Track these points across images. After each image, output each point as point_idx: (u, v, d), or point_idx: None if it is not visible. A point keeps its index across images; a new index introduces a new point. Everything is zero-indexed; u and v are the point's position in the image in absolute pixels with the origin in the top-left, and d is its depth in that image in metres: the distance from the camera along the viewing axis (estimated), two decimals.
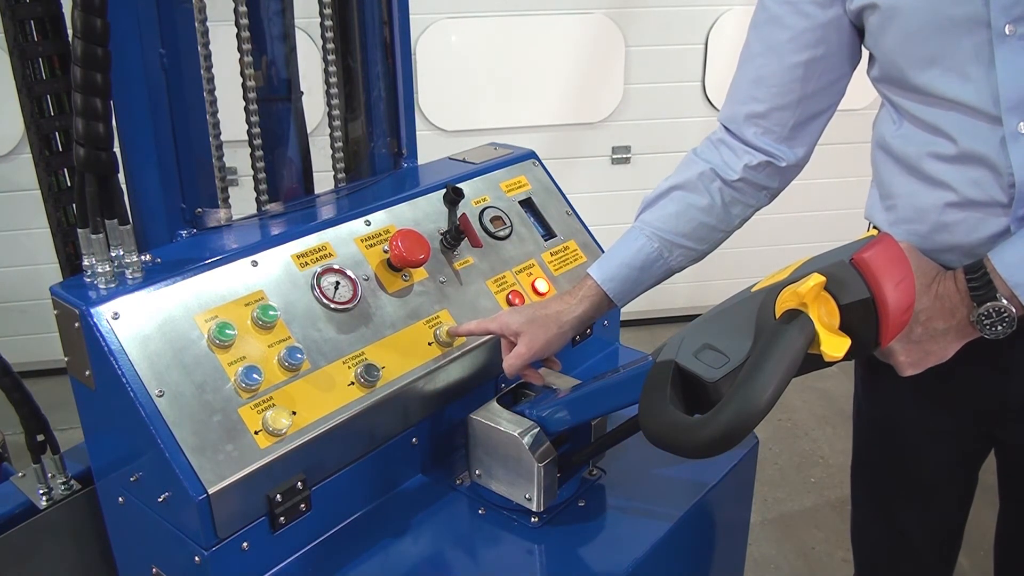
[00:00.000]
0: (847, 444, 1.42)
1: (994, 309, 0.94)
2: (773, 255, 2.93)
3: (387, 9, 1.42)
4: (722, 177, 1.25)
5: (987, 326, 0.95)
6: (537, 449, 1.09)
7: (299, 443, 1.03)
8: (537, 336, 1.20)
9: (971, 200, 1.05)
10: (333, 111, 1.37)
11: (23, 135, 2.84)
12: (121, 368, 0.95)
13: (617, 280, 1.25)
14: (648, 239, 1.26)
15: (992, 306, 0.94)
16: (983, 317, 0.95)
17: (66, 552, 1.24)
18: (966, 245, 1.06)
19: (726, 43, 3.42)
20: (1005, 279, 0.93)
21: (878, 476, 1.39)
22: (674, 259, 1.28)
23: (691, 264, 1.33)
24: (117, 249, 1.04)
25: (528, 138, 2.26)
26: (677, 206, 1.26)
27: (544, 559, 1.10)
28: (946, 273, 0.97)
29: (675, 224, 1.26)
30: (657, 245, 1.26)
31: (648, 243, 1.25)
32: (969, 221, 1.05)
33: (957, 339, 0.98)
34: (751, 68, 1.21)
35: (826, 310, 0.83)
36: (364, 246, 1.22)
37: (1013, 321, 0.94)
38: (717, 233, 1.30)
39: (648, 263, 1.26)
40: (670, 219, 1.26)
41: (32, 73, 1.21)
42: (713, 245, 1.32)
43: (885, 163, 1.17)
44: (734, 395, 0.79)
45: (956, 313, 0.96)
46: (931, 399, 1.19)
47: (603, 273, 1.25)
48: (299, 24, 1.38)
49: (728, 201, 1.27)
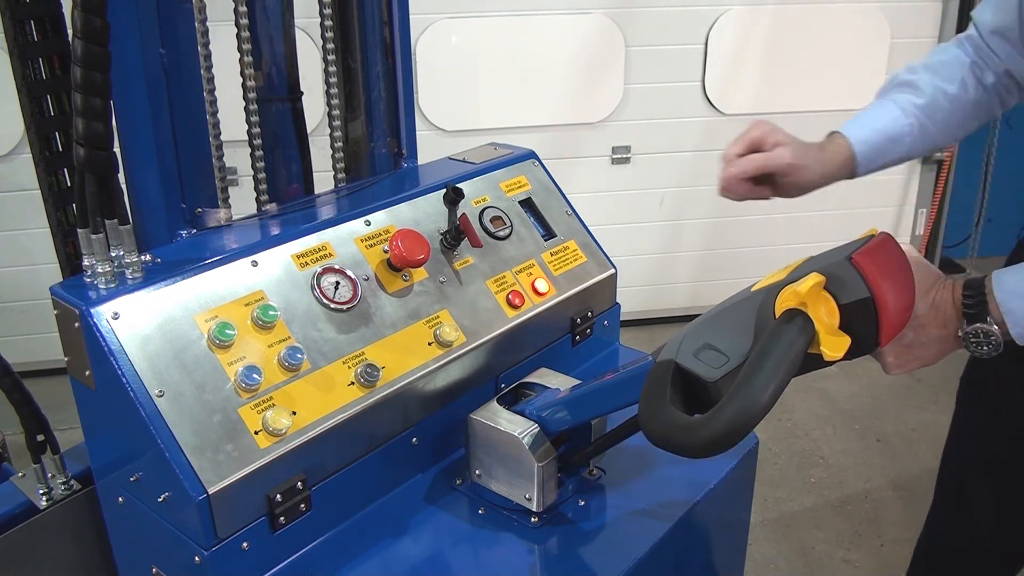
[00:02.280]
0: (847, 444, 1.42)
1: (982, 331, 0.94)
2: (773, 255, 2.93)
3: (387, 9, 1.42)
4: (977, 77, 1.27)
5: (973, 345, 0.95)
6: (537, 449, 1.09)
7: (299, 443, 1.03)
8: (801, 164, 1.18)
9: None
10: (333, 111, 1.37)
11: (23, 135, 2.84)
12: (121, 368, 0.95)
13: (869, 144, 1.24)
14: (904, 113, 1.26)
15: (980, 327, 0.94)
16: (970, 336, 0.94)
17: (66, 552, 1.24)
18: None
19: (726, 43, 3.42)
20: (1000, 303, 0.93)
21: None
22: (917, 144, 1.27)
23: (924, 153, 1.33)
24: (117, 249, 1.04)
25: (528, 138, 2.27)
26: (932, 92, 1.26)
27: (544, 559, 1.10)
28: (945, 282, 0.97)
29: (931, 111, 1.26)
30: (911, 122, 1.25)
31: (903, 116, 1.25)
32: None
33: (945, 347, 0.98)
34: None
35: (826, 309, 0.83)
36: (364, 246, 1.22)
37: (999, 345, 0.94)
38: (959, 131, 1.31)
39: (899, 135, 1.26)
40: (927, 104, 1.26)
41: (32, 73, 1.21)
42: (951, 142, 1.35)
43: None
44: (734, 395, 0.79)
45: (948, 324, 0.96)
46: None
47: (857, 134, 1.24)
48: (299, 24, 1.38)
49: (978, 100, 1.28)
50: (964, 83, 1.27)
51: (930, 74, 1.28)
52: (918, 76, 1.29)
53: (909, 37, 3.49)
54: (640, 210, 3.59)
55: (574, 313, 1.42)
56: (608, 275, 1.47)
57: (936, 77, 1.28)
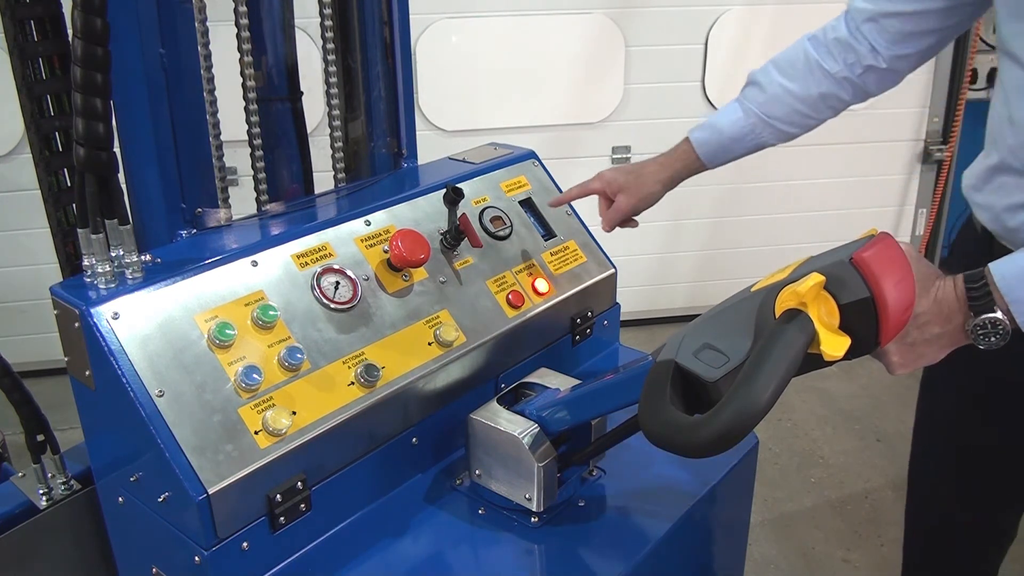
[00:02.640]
0: (847, 444, 1.43)
1: (990, 321, 0.94)
2: (773, 255, 2.93)
3: (387, 9, 1.42)
4: (824, 69, 1.36)
5: (981, 336, 0.95)
6: (537, 449, 1.09)
7: (299, 443, 1.03)
8: (637, 190, 1.37)
9: (1008, 165, 1.16)
10: (333, 111, 1.37)
11: (23, 135, 2.84)
12: (121, 368, 0.95)
13: (711, 145, 1.41)
14: (746, 114, 1.40)
15: (988, 318, 0.94)
16: (978, 328, 0.95)
17: (66, 552, 1.24)
18: (995, 208, 1.21)
19: (726, 43, 3.42)
20: (1003, 292, 0.93)
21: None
22: (765, 136, 1.42)
23: (782, 143, 1.44)
24: (117, 249, 1.04)
25: (528, 138, 2.26)
26: (776, 89, 1.39)
27: (544, 559, 1.10)
28: (945, 280, 0.97)
29: (770, 107, 1.39)
30: (753, 121, 1.39)
31: (745, 118, 1.39)
32: (1006, 186, 1.18)
33: (949, 344, 0.98)
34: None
35: (826, 309, 0.83)
36: (364, 246, 1.22)
37: (1007, 334, 0.94)
38: (809, 120, 1.42)
39: (741, 135, 1.41)
40: (767, 100, 1.39)
41: (32, 73, 1.21)
42: (805, 129, 1.44)
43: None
44: (734, 395, 0.79)
45: (952, 319, 0.96)
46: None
47: (699, 136, 1.40)
48: (299, 24, 1.38)
49: (824, 93, 1.37)
50: (806, 78, 1.37)
51: (775, 70, 1.40)
52: (765, 74, 1.41)
53: None
54: None
55: (574, 313, 1.42)
56: (608, 275, 1.47)
57: (780, 73, 1.39)
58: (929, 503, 1.62)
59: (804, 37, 1.42)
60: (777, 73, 1.39)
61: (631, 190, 1.37)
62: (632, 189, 1.36)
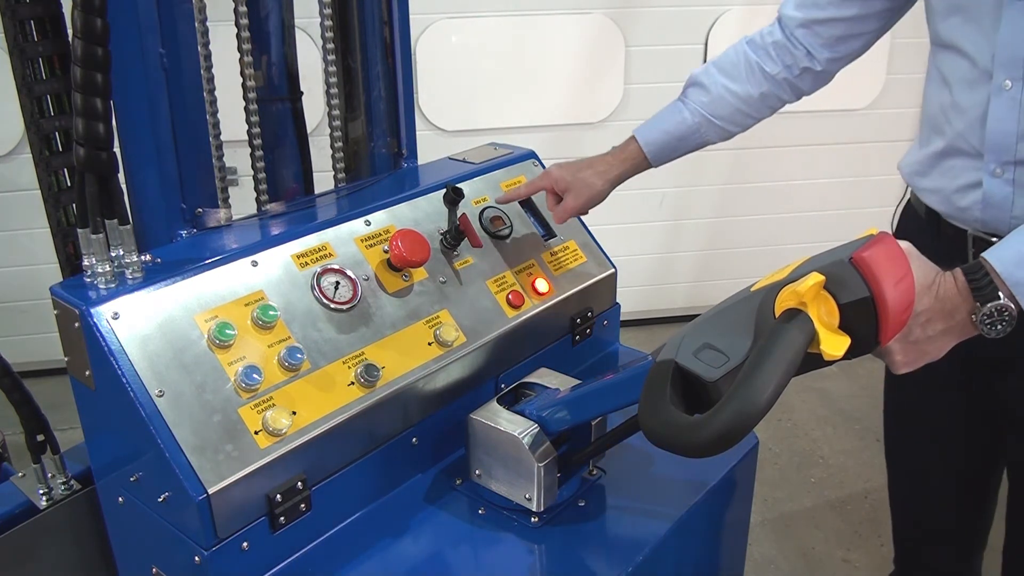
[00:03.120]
0: (847, 444, 1.44)
1: (996, 308, 0.95)
2: (773, 255, 2.93)
3: (387, 9, 1.42)
4: (764, 71, 1.44)
5: (988, 325, 0.95)
6: (537, 449, 1.09)
7: (299, 443, 1.03)
8: (583, 190, 1.39)
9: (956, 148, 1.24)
10: (333, 111, 1.37)
11: (23, 135, 2.84)
12: (121, 368, 0.95)
13: (657, 145, 1.45)
14: (691, 114, 1.45)
15: (994, 306, 0.95)
16: (985, 317, 0.95)
17: (66, 552, 1.24)
18: (945, 191, 1.28)
19: (726, 43, 3.39)
20: (1004, 278, 0.94)
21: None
22: (709, 135, 1.47)
23: (722, 141, 1.51)
24: (117, 249, 1.04)
25: (528, 138, 2.26)
26: (718, 90, 1.45)
27: (544, 559, 1.10)
28: (945, 275, 0.98)
29: (714, 107, 1.45)
30: (698, 121, 1.45)
31: (690, 117, 1.45)
32: (955, 168, 1.26)
33: (954, 339, 0.98)
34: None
35: (826, 309, 0.83)
36: (364, 246, 1.22)
37: (1013, 319, 0.95)
38: (749, 119, 1.49)
39: (686, 134, 1.46)
40: (711, 101, 1.45)
41: (32, 73, 1.21)
42: (745, 128, 1.51)
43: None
44: (734, 394, 0.79)
45: (956, 314, 0.96)
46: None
47: (645, 136, 1.45)
48: (299, 24, 1.38)
49: (764, 93, 1.45)
50: (747, 79, 1.44)
51: (717, 72, 1.46)
52: (708, 75, 1.46)
53: (908, 37, 3.49)
54: (640, 210, 3.59)
55: (574, 313, 1.42)
56: (608, 275, 1.47)
57: (722, 75, 1.45)
58: (911, 477, 1.66)
59: (742, 40, 1.50)
60: (720, 75, 1.45)
61: (578, 190, 1.39)
62: (579, 189, 1.39)
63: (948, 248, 1.29)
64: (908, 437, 1.61)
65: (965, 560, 1.65)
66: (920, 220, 1.38)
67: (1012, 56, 1.15)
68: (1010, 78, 1.16)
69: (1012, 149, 1.19)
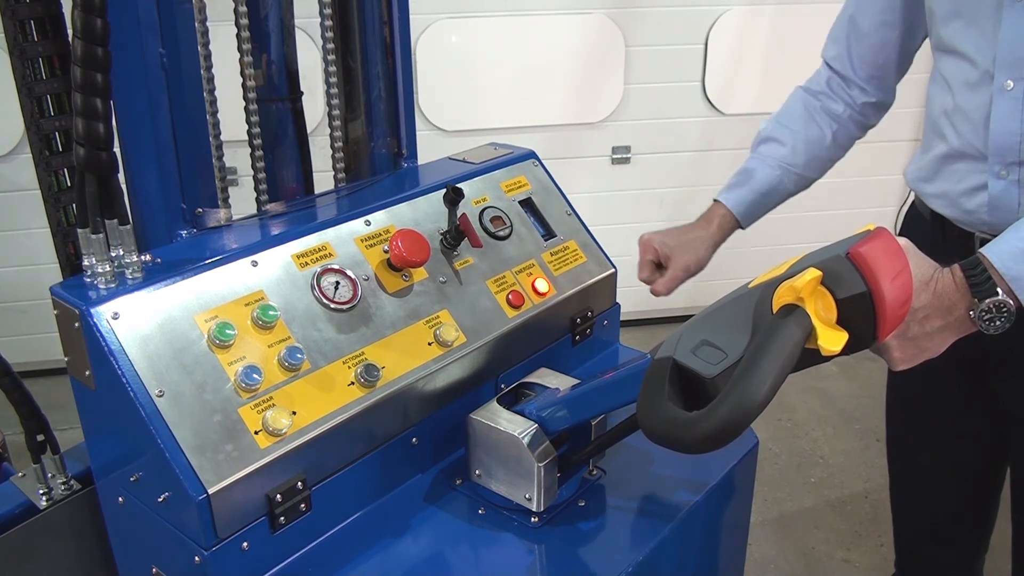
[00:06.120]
0: (847, 444, 1.44)
1: (994, 304, 0.95)
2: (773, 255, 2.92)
3: (387, 9, 1.42)
4: (830, 111, 1.50)
5: (986, 321, 0.96)
6: (537, 449, 1.09)
7: (299, 443, 1.03)
8: (687, 258, 1.47)
9: (960, 152, 1.26)
10: (333, 111, 1.37)
11: (23, 135, 2.84)
12: (121, 368, 0.95)
13: (745, 204, 1.52)
14: (770, 168, 1.51)
15: (992, 301, 0.95)
16: (984, 313, 0.95)
17: (66, 552, 1.24)
18: (951, 195, 1.30)
19: (726, 43, 3.42)
20: (1002, 273, 0.94)
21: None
22: (789, 187, 1.54)
23: (801, 190, 1.56)
24: (117, 249, 1.04)
25: (528, 138, 2.26)
26: (792, 140, 1.52)
27: (544, 559, 1.10)
28: (943, 270, 0.98)
29: (792, 157, 1.52)
30: (779, 174, 1.52)
31: (770, 172, 1.51)
32: (959, 172, 1.28)
33: (952, 335, 0.99)
34: (847, 16, 1.48)
35: (823, 304, 0.83)
36: (364, 246, 1.22)
37: (1012, 315, 0.95)
38: (827, 163, 1.56)
39: (769, 190, 1.52)
40: (788, 152, 1.52)
41: (32, 73, 1.21)
42: (822, 173, 1.58)
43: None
44: (731, 390, 0.79)
45: (954, 311, 0.97)
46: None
47: (731, 200, 1.52)
48: (299, 24, 1.38)
49: (836, 132, 1.52)
50: (816, 124, 1.51)
51: (786, 124, 1.53)
52: (778, 129, 1.53)
53: None
54: (640, 210, 3.59)
55: (574, 313, 1.42)
56: (608, 275, 1.47)
57: (792, 125, 1.52)
58: (910, 466, 1.67)
59: (797, 89, 1.56)
60: (788, 126, 1.51)
61: (681, 259, 1.46)
62: (682, 258, 1.46)
63: (954, 250, 1.29)
64: (909, 436, 1.62)
65: (966, 560, 1.65)
66: (925, 223, 1.39)
67: (1013, 56, 1.16)
68: (1012, 78, 1.16)
69: (1016, 150, 1.19)
